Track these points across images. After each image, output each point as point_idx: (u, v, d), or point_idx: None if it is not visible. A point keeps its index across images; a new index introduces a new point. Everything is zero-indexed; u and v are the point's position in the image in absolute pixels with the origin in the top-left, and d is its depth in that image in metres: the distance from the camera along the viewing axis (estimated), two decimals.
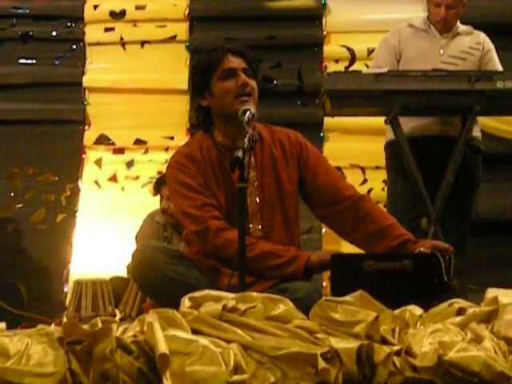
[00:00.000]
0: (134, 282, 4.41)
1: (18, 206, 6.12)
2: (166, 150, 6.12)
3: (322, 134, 6.06)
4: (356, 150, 6.02)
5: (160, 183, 5.02)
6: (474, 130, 4.57)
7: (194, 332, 2.16)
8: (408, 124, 4.49)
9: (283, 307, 2.28)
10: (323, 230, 5.74)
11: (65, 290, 5.81)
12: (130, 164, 6.22)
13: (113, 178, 6.21)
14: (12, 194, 6.14)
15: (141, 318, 2.22)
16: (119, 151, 6.25)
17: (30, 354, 2.02)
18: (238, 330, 2.15)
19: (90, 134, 6.25)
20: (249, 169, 2.80)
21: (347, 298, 2.30)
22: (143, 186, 6.15)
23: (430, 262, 2.91)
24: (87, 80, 6.29)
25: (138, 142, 6.23)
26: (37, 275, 5.96)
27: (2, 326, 2.24)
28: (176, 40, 6.31)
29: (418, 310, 2.42)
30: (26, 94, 6.34)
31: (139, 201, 6.02)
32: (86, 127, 6.27)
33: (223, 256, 3.09)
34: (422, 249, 3.04)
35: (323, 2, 6.22)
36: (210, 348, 2.04)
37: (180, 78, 6.07)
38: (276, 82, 6.19)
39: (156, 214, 5.11)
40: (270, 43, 6.23)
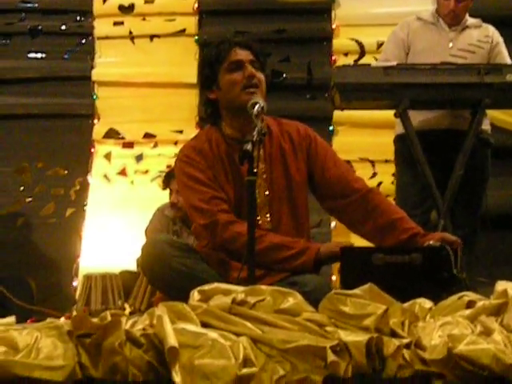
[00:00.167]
0: (143, 276, 4.42)
1: (28, 200, 6.13)
2: (176, 143, 6.10)
3: (331, 128, 6.05)
4: (365, 144, 6.00)
5: (169, 177, 5.03)
6: (484, 124, 4.55)
7: (204, 325, 2.16)
8: (417, 118, 4.49)
9: (292, 300, 2.28)
10: (332, 223, 5.73)
11: (74, 283, 5.81)
12: (139, 158, 6.22)
13: (122, 172, 6.21)
14: (21, 188, 6.14)
15: (150, 312, 2.23)
16: (128, 145, 6.25)
17: (40, 348, 2.03)
18: (247, 323, 2.15)
19: (99, 128, 6.25)
20: (258, 162, 2.79)
21: (356, 291, 2.30)
22: (152, 180, 6.15)
23: (440, 255, 2.90)
24: (96, 74, 6.28)
25: (147, 135, 6.22)
26: (46, 269, 5.97)
27: (12, 319, 2.24)
28: (185, 34, 6.29)
29: (427, 303, 2.41)
30: (35, 88, 6.34)
31: (148, 195, 6.00)
32: (95, 121, 6.26)
33: (232, 249, 3.09)
34: (431, 242, 3.03)
35: None
36: (219, 341, 2.05)
37: (189, 71, 6.02)
38: (285, 75, 6.18)
39: (165, 208, 5.11)
40: (279, 37, 6.21)
